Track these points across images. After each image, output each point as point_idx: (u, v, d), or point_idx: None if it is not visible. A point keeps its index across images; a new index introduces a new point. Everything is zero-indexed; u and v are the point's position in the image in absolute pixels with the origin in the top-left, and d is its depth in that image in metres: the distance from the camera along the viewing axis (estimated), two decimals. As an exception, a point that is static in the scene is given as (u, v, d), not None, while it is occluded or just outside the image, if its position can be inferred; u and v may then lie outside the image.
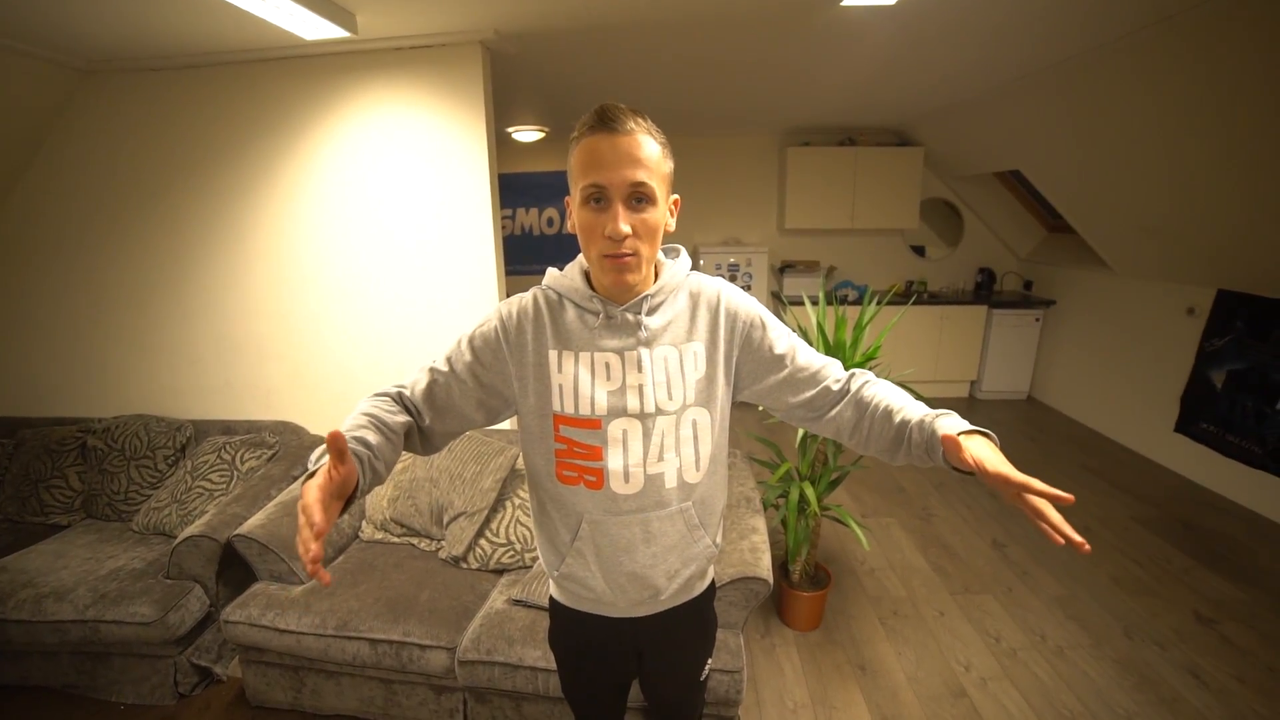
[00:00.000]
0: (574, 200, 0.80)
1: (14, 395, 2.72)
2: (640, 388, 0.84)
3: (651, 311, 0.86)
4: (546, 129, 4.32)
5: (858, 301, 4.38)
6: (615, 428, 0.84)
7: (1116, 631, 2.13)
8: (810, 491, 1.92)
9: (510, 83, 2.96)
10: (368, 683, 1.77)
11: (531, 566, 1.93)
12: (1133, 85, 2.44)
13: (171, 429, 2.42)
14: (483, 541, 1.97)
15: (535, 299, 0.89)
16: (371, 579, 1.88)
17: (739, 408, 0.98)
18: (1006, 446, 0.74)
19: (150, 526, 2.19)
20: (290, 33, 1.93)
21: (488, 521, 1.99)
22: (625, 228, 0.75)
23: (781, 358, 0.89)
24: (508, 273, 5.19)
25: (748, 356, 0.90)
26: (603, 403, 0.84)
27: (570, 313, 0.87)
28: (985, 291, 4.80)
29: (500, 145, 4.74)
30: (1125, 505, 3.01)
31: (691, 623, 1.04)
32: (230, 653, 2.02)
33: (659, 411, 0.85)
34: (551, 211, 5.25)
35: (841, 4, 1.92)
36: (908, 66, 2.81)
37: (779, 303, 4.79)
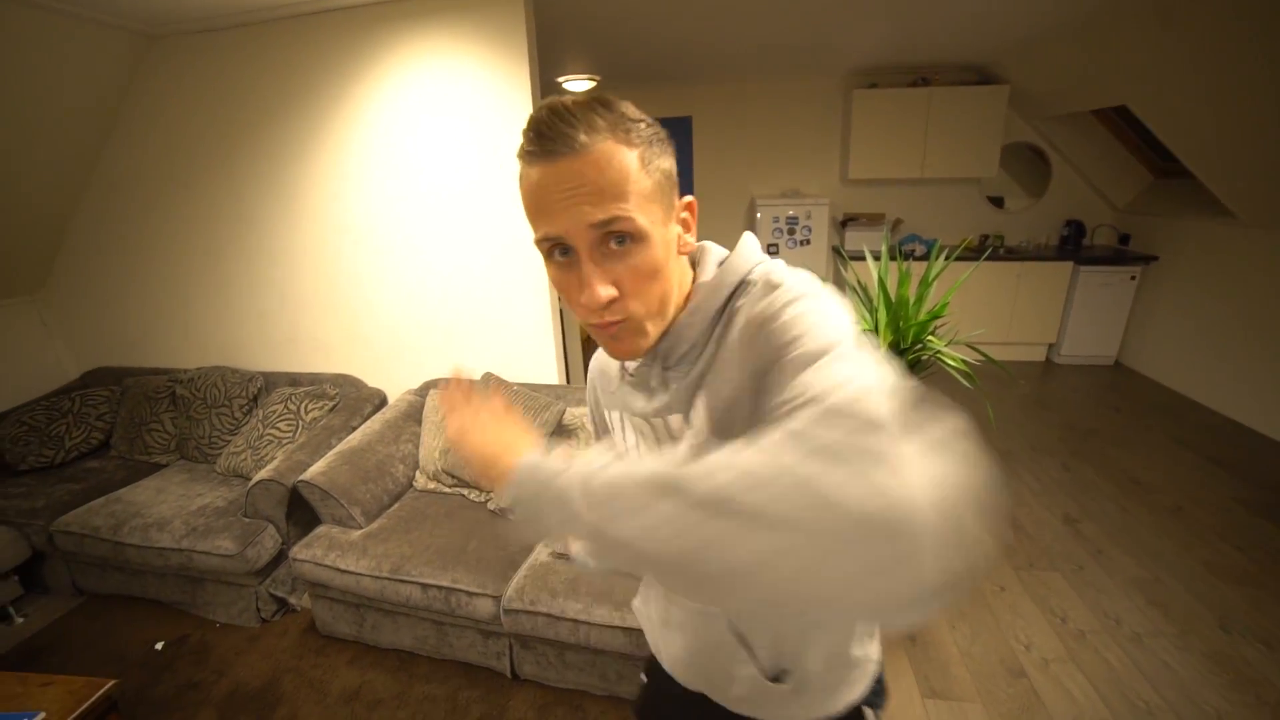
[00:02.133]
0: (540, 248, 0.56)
1: (118, 347, 2.99)
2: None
3: (672, 365, 0.61)
4: (598, 78, 4.15)
5: (925, 257, 4.07)
6: None
7: (1209, 622, 1.93)
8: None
9: (558, 29, 2.83)
10: (421, 623, 1.87)
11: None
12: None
13: (245, 380, 2.58)
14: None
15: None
16: (423, 527, 1.96)
17: None
18: (1086, 414, 0.63)
19: (230, 469, 2.37)
20: (332, -20, 1.90)
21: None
22: (603, 292, 0.52)
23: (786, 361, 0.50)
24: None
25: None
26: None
27: (608, 362, 0.73)
28: (1072, 246, 4.34)
29: (548, 96, 4.63)
30: (1227, 484, 2.71)
31: None
32: (302, 586, 2.18)
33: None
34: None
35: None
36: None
37: (839, 258, 4.53)
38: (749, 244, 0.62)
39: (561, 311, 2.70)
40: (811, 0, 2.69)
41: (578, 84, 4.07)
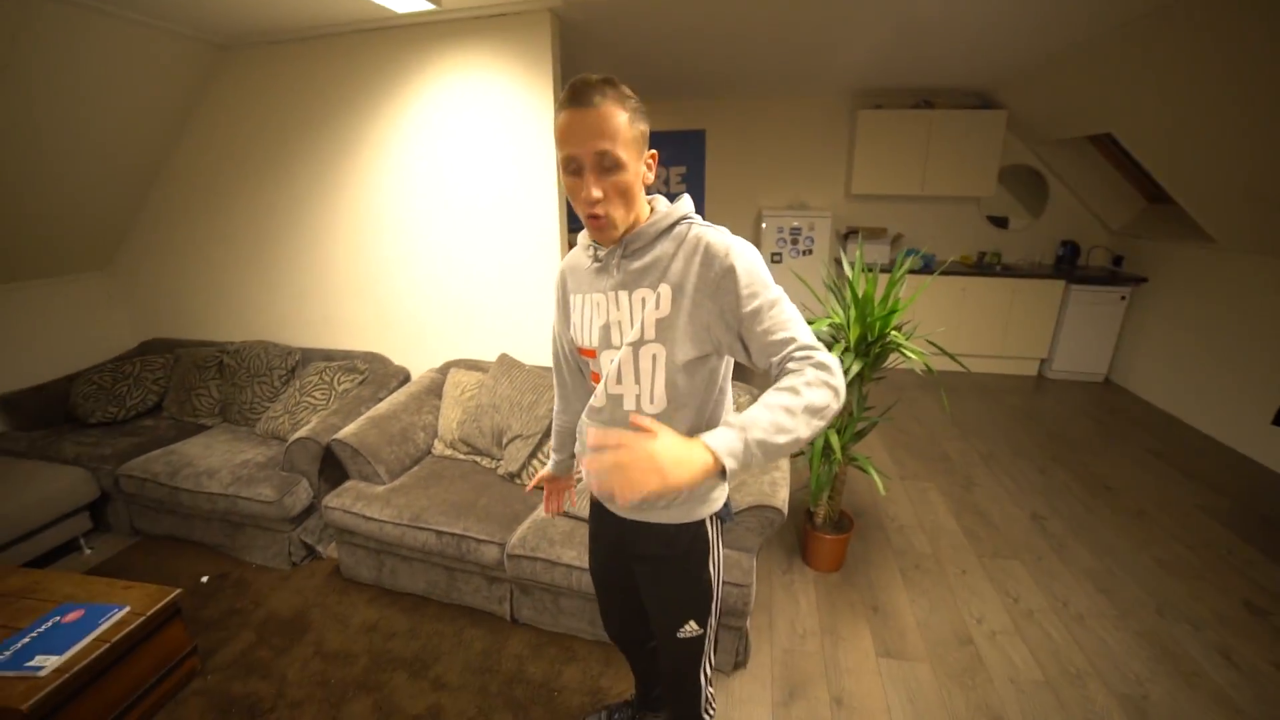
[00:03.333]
0: (561, 167, 0.90)
1: (172, 321, 3.31)
2: (618, 324, 0.98)
3: (630, 255, 0.97)
4: (615, 92, 4.44)
5: (922, 270, 4.26)
6: (605, 357, 1.02)
7: (1148, 608, 2.11)
8: (834, 439, 2.03)
9: (580, 49, 3.10)
10: (434, 569, 2.12)
11: (576, 485, 2.18)
12: (1231, 33, 2.23)
13: (284, 353, 2.87)
14: (535, 461, 2.24)
15: (574, 250, 1.11)
16: (440, 485, 2.21)
17: None
18: (1070, 425, 0.89)
19: (269, 432, 2.64)
20: (384, 6, 2.19)
21: (540, 444, 2.26)
22: (596, 193, 0.87)
23: (744, 315, 0.89)
24: (572, 229, 5.49)
25: (717, 306, 0.91)
26: (595, 336, 1.03)
27: (582, 259, 1.07)
28: (1066, 266, 4.50)
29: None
30: (1193, 493, 2.86)
31: (663, 556, 1.11)
32: (328, 536, 2.44)
33: (622, 343, 0.98)
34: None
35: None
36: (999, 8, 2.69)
37: (838, 267, 4.73)
38: (689, 200, 1.01)
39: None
40: (821, 26, 2.93)
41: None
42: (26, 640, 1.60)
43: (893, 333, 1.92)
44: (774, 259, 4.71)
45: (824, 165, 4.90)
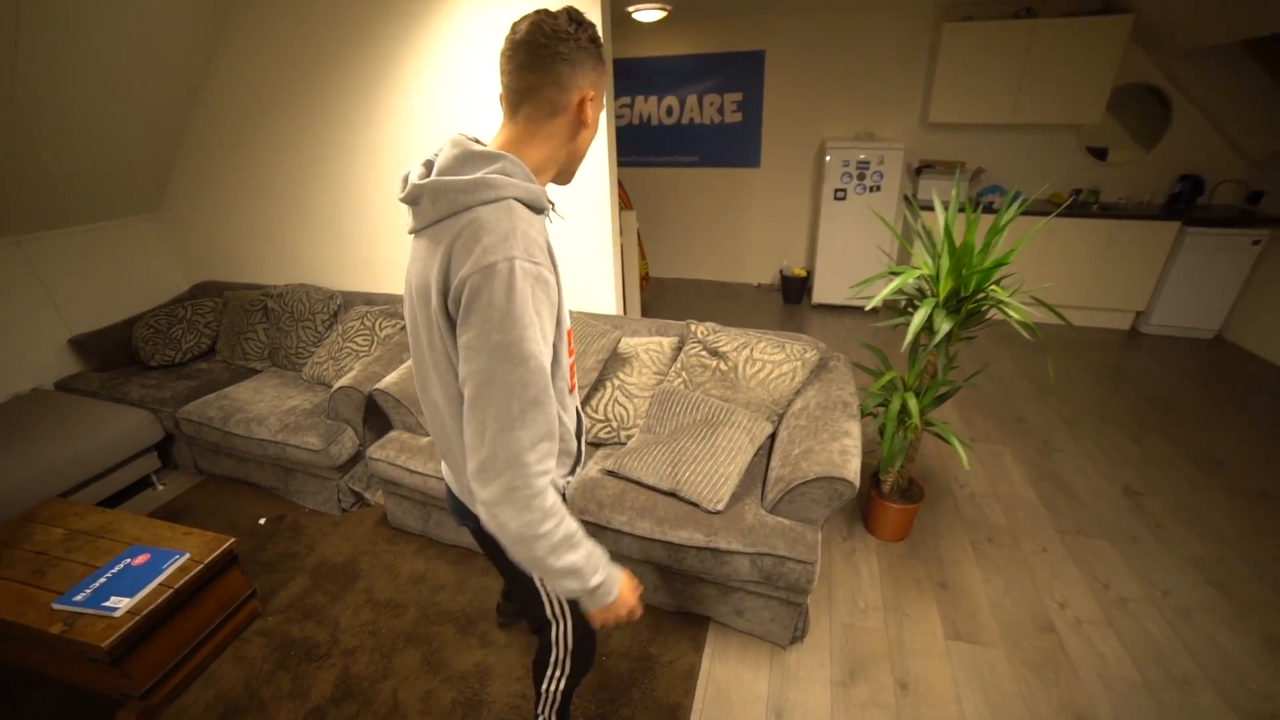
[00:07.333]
0: (596, 101, 0.84)
1: (221, 263, 3.31)
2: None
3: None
4: (669, 7, 3.98)
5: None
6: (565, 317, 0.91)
7: (1275, 608, 1.85)
8: (913, 403, 1.81)
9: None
10: (480, 522, 2.07)
11: (626, 443, 2.07)
12: None
13: (326, 297, 2.81)
14: (583, 416, 2.13)
15: (530, 224, 0.78)
16: (484, 439, 2.13)
17: (836, 313, 0.92)
18: (1172, 388, 0.65)
19: (315, 377, 2.63)
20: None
21: (589, 398, 2.13)
22: None
23: None
24: (621, 164, 5.17)
25: None
26: (567, 304, 0.92)
27: (538, 222, 0.82)
28: (1183, 205, 3.90)
29: (620, 26, 4.50)
30: (1325, 472, 2.51)
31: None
32: (376, 484, 2.45)
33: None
34: (671, 100, 4.95)
35: None
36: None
37: (909, 206, 4.28)
38: None
39: (621, 248, 2.75)
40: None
41: (648, 13, 3.93)
42: (103, 580, 1.65)
43: (993, 288, 1.65)
44: (837, 195, 4.29)
45: (897, 91, 4.33)
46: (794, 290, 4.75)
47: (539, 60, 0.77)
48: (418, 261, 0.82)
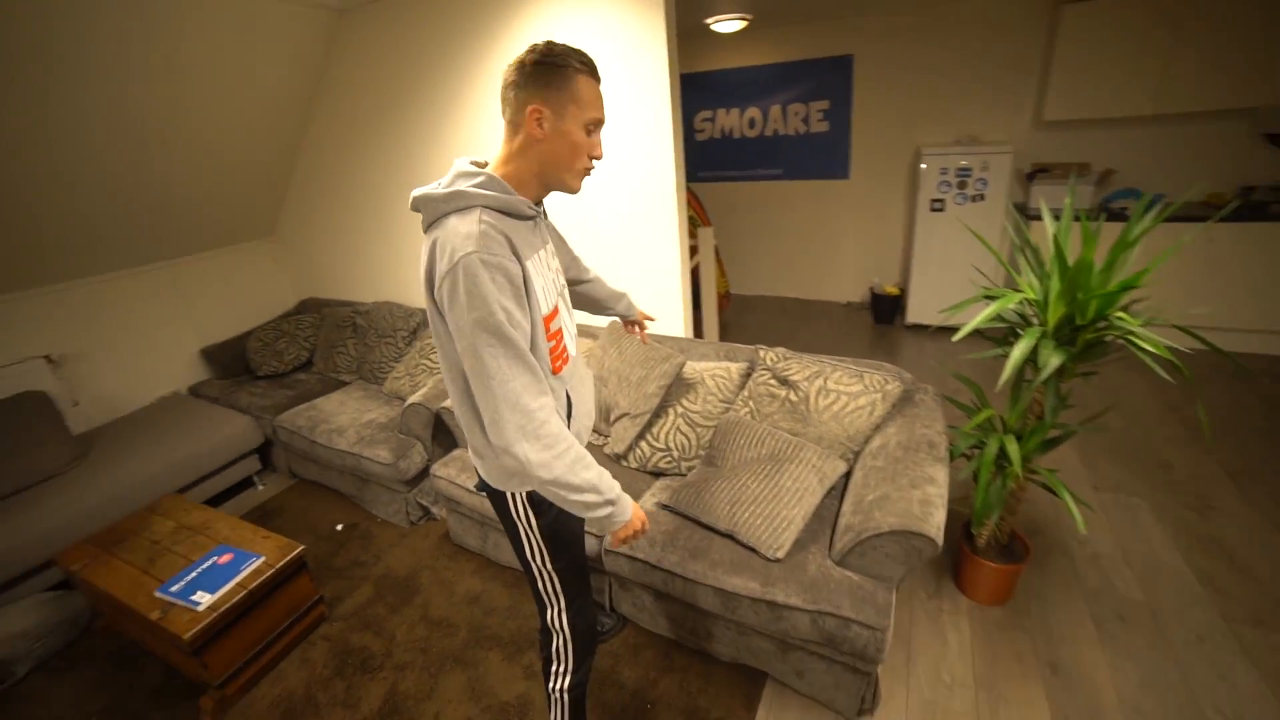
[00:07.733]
0: (573, 123, 0.95)
1: (321, 281, 3.62)
2: (557, 271, 1.11)
3: (543, 215, 1.10)
4: (749, 16, 3.87)
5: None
6: (562, 309, 1.09)
7: None
8: (1013, 448, 1.55)
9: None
10: (533, 546, 2.05)
11: (687, 475, 1.97)
12: None
13: (406, 315, 2.96)
14: (643, 444, 2.05)
15: (491, 226, 0.91)
16: (540, 461, 2.11)
17: (931, 336, 0.78)
18: None
19: (393, 392, 2.77)
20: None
21: (650, 425, 2.06)
22: (603, 151, 1.03)
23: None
24: (699, 178, 5.09)
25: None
26: (554, 291, 1.06)
27: (514, 224, 0.96)
28: (1397, 205, 3.15)
29: (698, 39, 4.45)
30: None
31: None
32: (441, 500, 2.51)
33: (566, 283, 1.18)
34: (754, 112, 4.80)
35: None
36: None
37: (1020, 216, 3.81)
38: None
39: (695, 270, 2.66)
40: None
41: (727, 24, 3.84)
42: (193, 575, 1.80)
43: (1118, 315, 1.37)
44: (934, 206, 3.92)
45: (1004, 87, 3.89)
46: (885, 309, 4.40)
47: (503, 95, 0.97)
48: (422, 261, 0.99)
